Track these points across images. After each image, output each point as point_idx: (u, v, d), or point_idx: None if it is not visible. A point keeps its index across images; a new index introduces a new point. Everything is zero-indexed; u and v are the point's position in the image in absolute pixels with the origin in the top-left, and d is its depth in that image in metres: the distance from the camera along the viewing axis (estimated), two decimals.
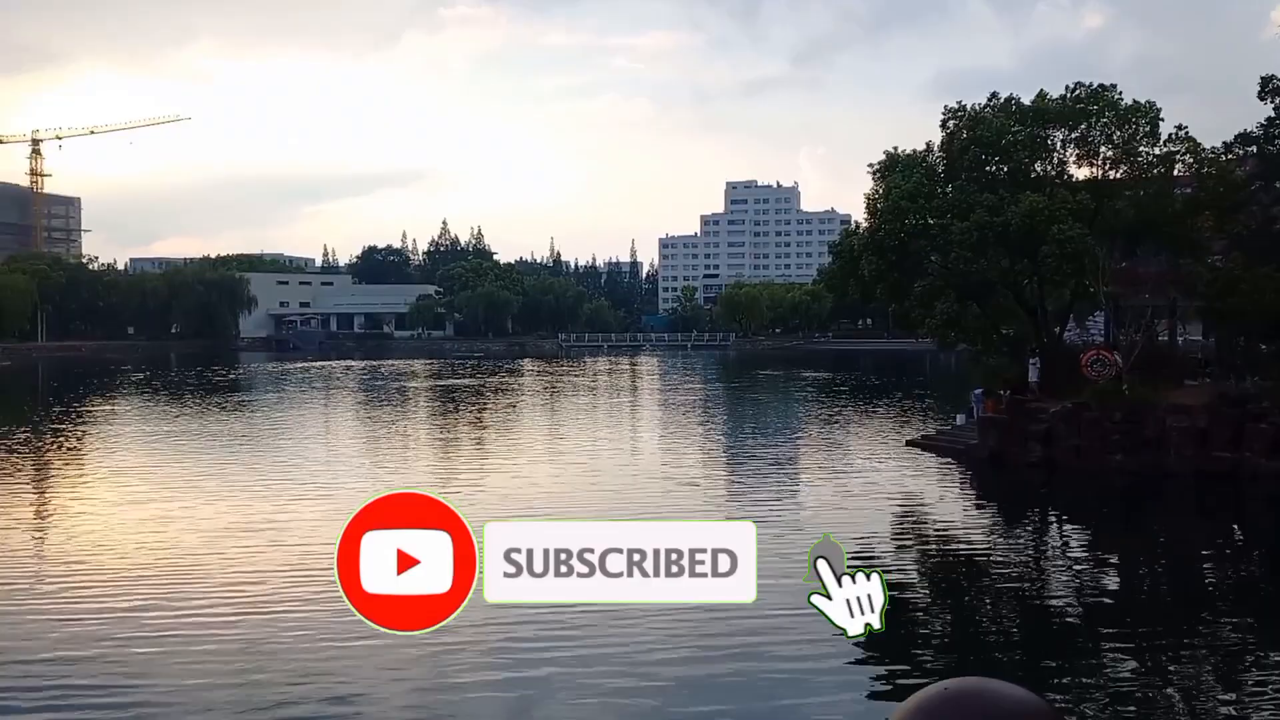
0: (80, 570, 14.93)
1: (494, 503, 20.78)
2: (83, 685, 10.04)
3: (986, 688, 1.12)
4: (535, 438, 34.79)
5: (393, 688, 9.99)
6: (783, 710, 9.76)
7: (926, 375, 73.35)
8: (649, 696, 9.67)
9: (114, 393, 59.52)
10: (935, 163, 32.91)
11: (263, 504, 20.43)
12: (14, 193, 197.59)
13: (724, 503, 21.60)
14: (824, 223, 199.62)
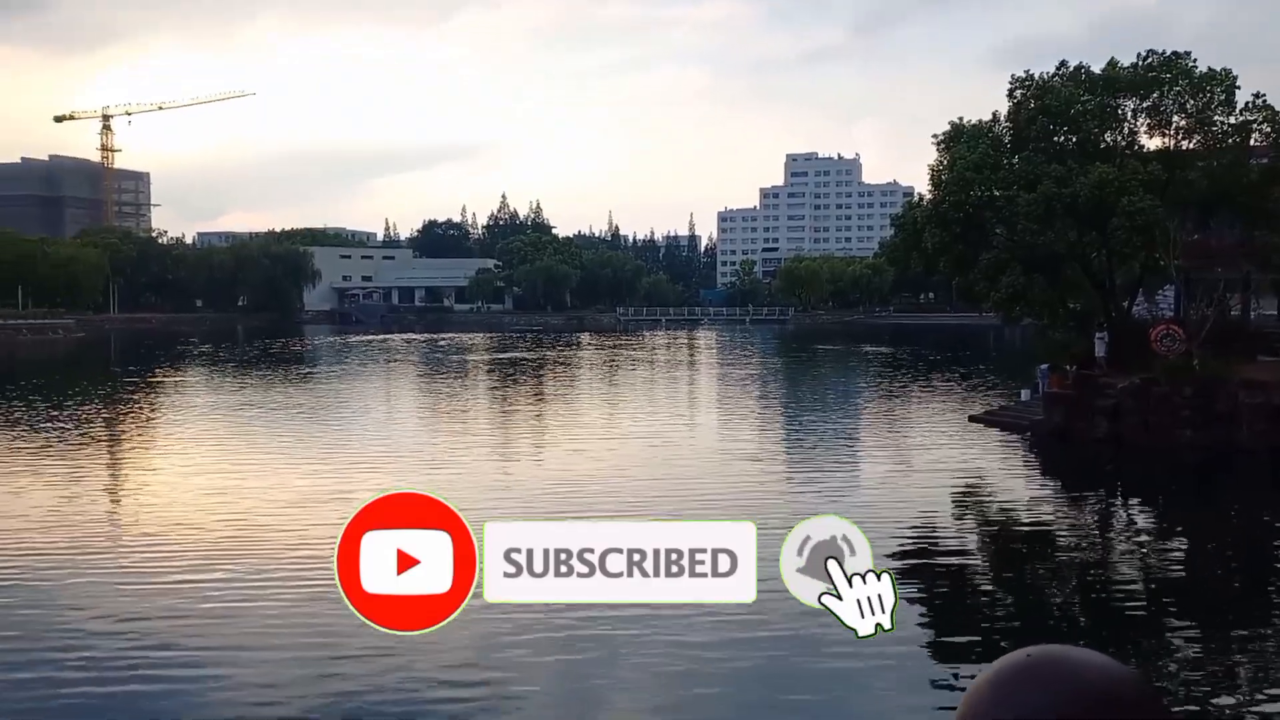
0: (149, 539, 15.31)
1: (553, 476, 20.94)
2: (149, 652, 10.22)
3: (1070, 655, 1.12)
4: (595, 411, 34.97)
5: (449, 656, 10.15)
6: (850, 679, 9.75)
7: (990, 350, 72.32)
8: (701, 684, 9.73)
9: (183, 364, 60.90)
10: (1001, 133, 32.29)
11: (328, 476, 20.80)
12: (86, 168, 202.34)
13: (784, 477, 21.55)
14: (885, 195, 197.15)
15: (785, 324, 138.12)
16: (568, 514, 16.68)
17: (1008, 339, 74.68)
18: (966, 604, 12.77)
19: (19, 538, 15.18)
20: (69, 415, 32.47)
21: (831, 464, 23.17)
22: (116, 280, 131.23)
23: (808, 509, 17.64)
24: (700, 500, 17.81)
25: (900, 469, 22.36)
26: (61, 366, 62.21)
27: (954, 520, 17.97)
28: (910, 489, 19.64)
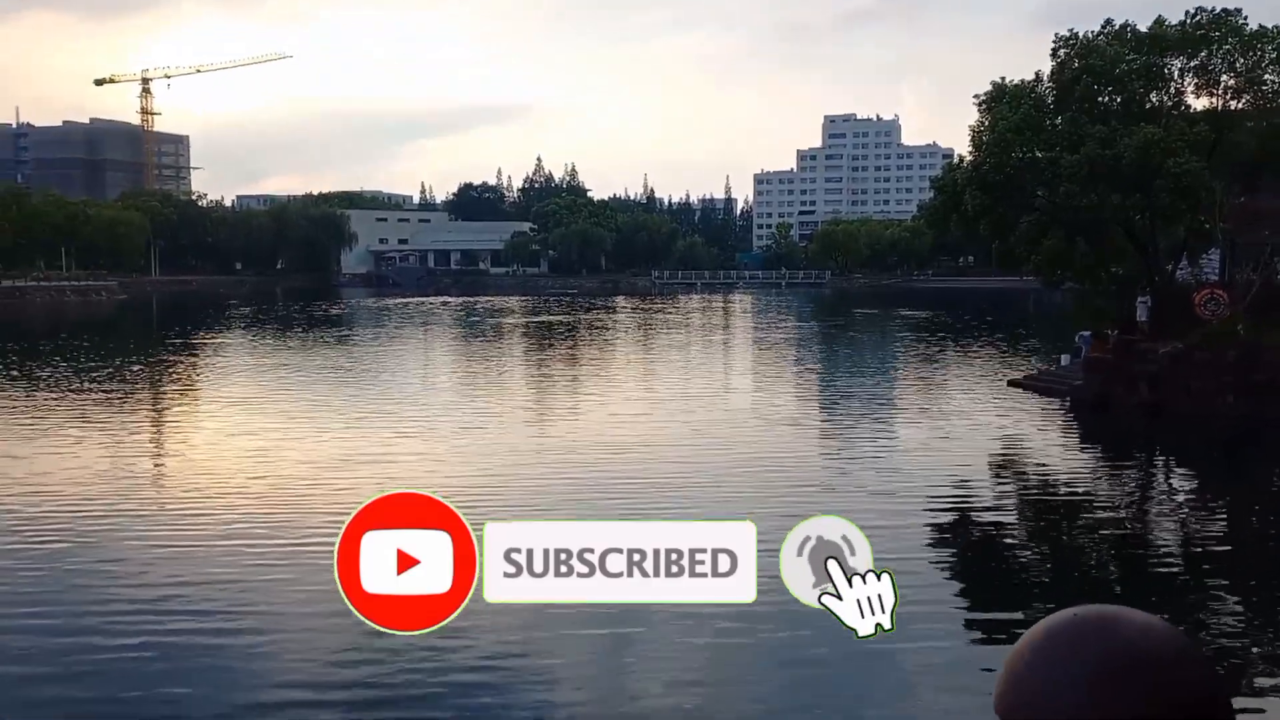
0: (188, 500, 15.56)
1: (588, 440, 21.03)
2: (185, 612, 10.36)
3: (1118, 614, 1.11)
4: (629, 374, 35.04)
5: (496, 619, 10.26)
6: (886, 651, 9.77)
7: (1030, 314, 71.55)
8: (728, 659, 9.79)
9: (223, 326, 61.64)
10: (1044, 94, 31.71)
11: (364, 438, 21.02)
12: (126, 131, 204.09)
13: (821, 442, 21.52)
14: (925, 157, 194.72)
15: (822, 288, 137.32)
16: (604, 482, 16.79)
17: (1047, 303, 73.82)
18: (1004, 569, 12.75)
19: (62, 495, 15.49)
20: (113, 376, 33.01)
21: (869, 428, 23.10)
22: (158, 243, 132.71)
23: (845, 474, 17.63)
24: (737, 467, 17.83)
25: (938, 433, 22.25)
26: (106, 328, 63.13)
27: (992, 485, 17.89)
28: (948, 453, 19.55)
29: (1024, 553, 13.81)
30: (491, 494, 15.54)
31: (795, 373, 37.04)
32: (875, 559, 10.64)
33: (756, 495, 15.60)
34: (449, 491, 15.20)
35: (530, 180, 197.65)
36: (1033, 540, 14.51)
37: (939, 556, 12.95)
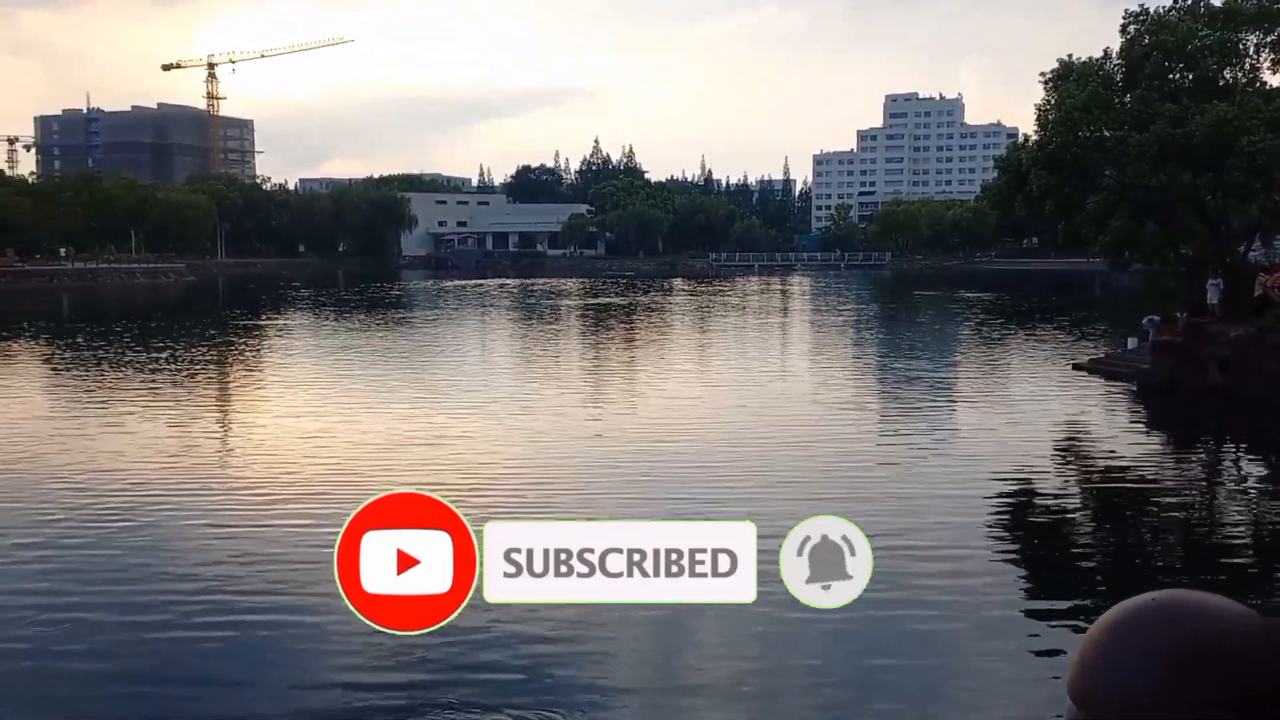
0: (252, 479, 15.84)
1: (646, 423, 21.06)
2: (244, 593, 10.47)
3: (1198, 599, 1.08)
4: (687, 357, 35.00)
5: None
6: (948, 637, 9.69)
7: (1096, 297, 70.18)
8: (787, 645, 9.74)
9: (286, 308, 62.69)
10: (1113, 71, 30.95)
11: (424, 419, 21.24)
12: (193, 116, 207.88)
13: (881, 427, 21.32)
14: (989, 136, 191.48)
15: (882, 269, 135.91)
16: (659, 467, 16.79)
17: (1114, 285, 72.30)
18: (1071, 556, 12.54)
19: (128, 475, 15.87)
20: (180, 356, 33.75)
21: (930, 413, 22.84)
22: (223, 226, 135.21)
23: (906, 460, 17.45)
24: (794, 453, 17.73)
25: (1002, 417, 21.93)
26: (173, 309, 64.51)
27: (1057, 471, 17.59)
28: (1012, 438, 19.27)
29: (1091, 540, 13.57)
30: (546, 478, 15.64)
31: (855, 356, 36.71)
32: (940, 547, 10.64)
33: (814, 482, 15.52)
34: (503, 475, 15.32)
35: (588, 162, 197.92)
36: (1100, 527, 14.25)
37: (1004, 544, 12.78)
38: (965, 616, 9.89)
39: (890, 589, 10.49)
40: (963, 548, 12.03)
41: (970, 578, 11.03)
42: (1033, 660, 9.16)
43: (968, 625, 9.72)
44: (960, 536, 12.47)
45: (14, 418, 21.91)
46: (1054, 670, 8.56)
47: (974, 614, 9.94)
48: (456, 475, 15.57)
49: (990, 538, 12.84)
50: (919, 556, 11.52)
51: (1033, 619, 10.23)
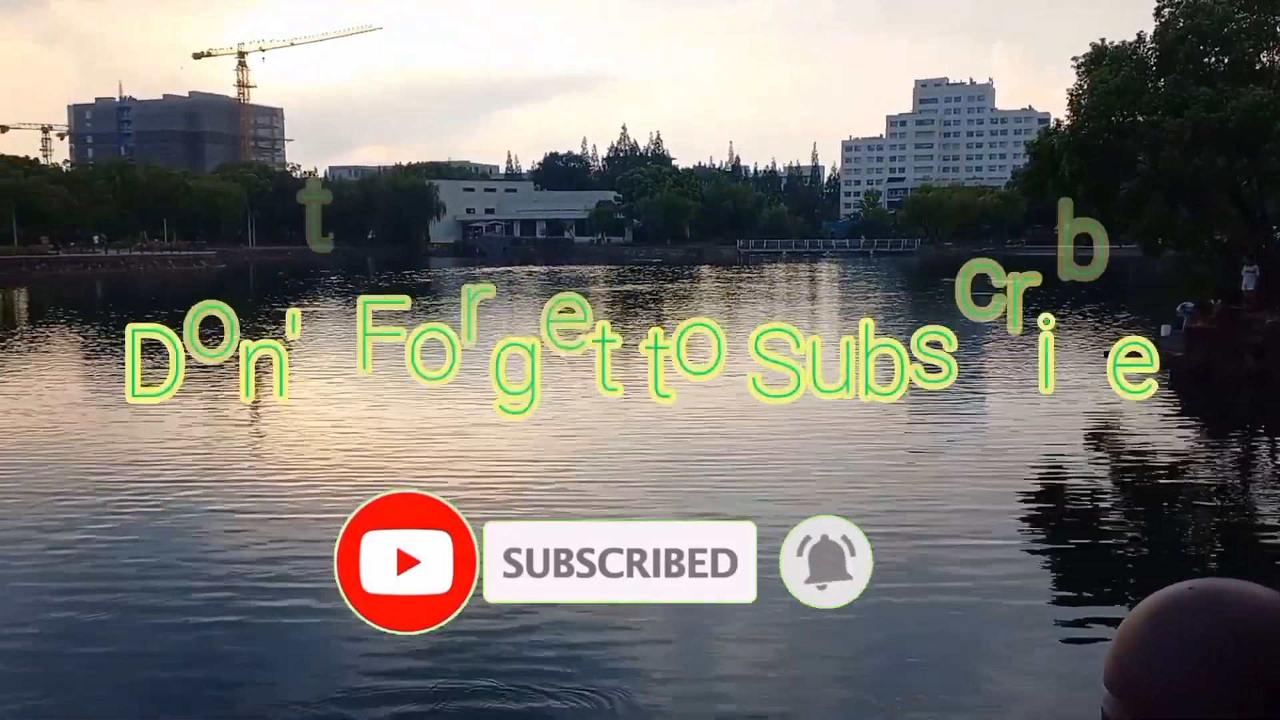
0: (281, 467, 15.97)
1: (671, 413, 21.04)
2: (271, 585, 10.46)
3: (1237, 588, 1.09)
4: (713, 344, 34.92)
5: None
6: (988, 632, 9.67)
7: (1129, 283, 69.40)
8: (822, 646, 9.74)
9: (317, 295, 63.13)
10: (1147, 55, 30.58)
11: (452, 407, 21.33)
12: (224, 104, 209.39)
13: (910, 417, 21.21)
14: (1020, 122, 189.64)
15: (911, 256, 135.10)
16: (685, 457, 16.81)
17: (1147, 271, 71.42)
18: (1103, 546, 12.46)
19: (158, 462, 16.07)
20: (213, 344, 34.03)
21: (959, 402, 22.70)
22: (254, 213, 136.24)
23: (934, 449, 17.37)
24: (819, 443, 17.69)
25: (1031, 406, 21.77)
26: (205, 296, 65.03)
27: (1089, 459, 17.48)
28: (1042, 426, 19.13)
29: (1124, 529, 13.48)
30: (573, 467, 15.71)
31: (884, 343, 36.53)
32: (969, 536, 10.54)
33: (840, 474, 15.49)
34: (528, 465, 15.38)
35: (615, 149, 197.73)
36: (1133, 516, 14.15)
37: (1036, 533, 12.71)
38: (996, 608, 9.86)
39: (918, 580, 10.48)
40: (992, 537, 11.98)
41: (1001, 567, 10.99)
42: (1066, 651, 9.13)
43: (998, 616, 9.69)
44: (990, 526, 12.41)
45: (47, 404, 22.22)
46: (1088, 661, 8.53)
47: (1005, 605, 9.91)
48: (484, 465, 15.66)
49: (1021, 527, 12.78)
50: (947, 547, 11.50)
51: (1065, 609, 10.18)
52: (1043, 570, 11.37)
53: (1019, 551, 11.72)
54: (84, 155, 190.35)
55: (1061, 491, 15.03)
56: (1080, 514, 13.92)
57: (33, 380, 26.19)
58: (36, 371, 28.25)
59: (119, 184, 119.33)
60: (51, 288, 72.35)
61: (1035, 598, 10.30)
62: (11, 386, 25.05)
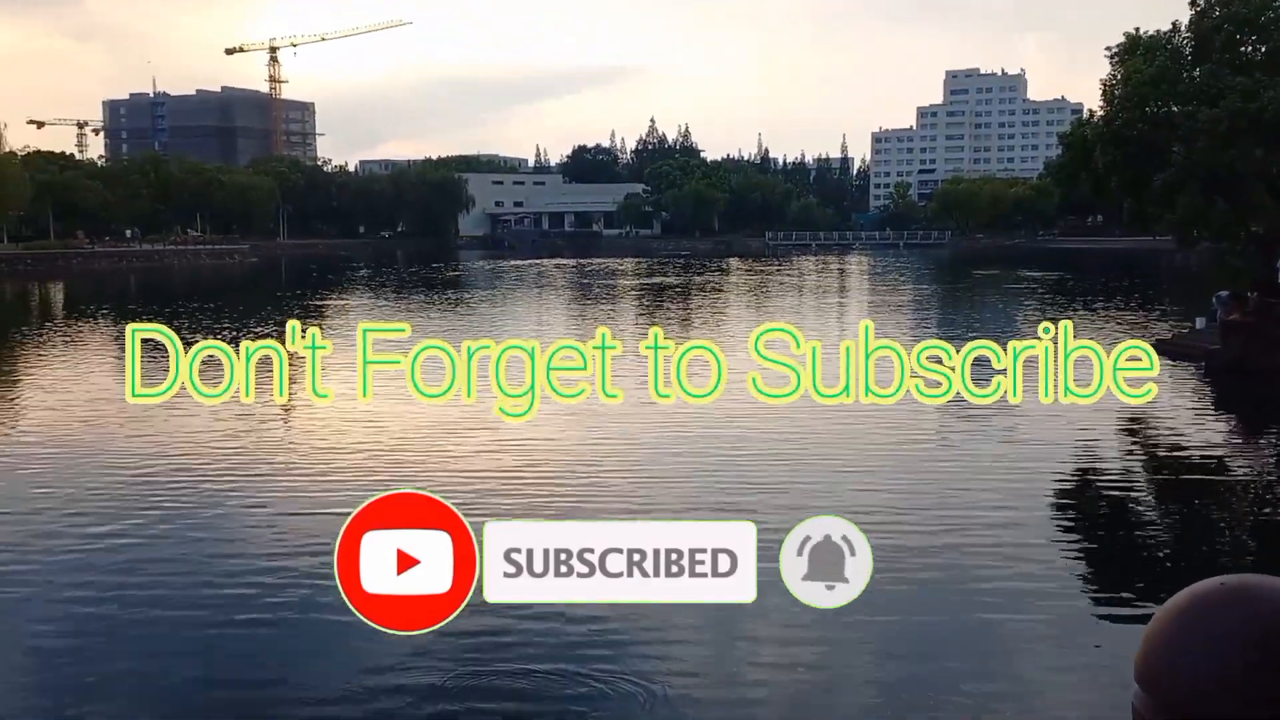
0: (309, 462, 16.09)
1: (704, 409, 21.02)
2: (295, 583, 10.48)
3: (1269, 584, 1.08)
4: (744, 338, 34.87)
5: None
6: (1018, 629, 9.63)
7: (1162, 276, 68.70)
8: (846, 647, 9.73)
9: (347, 287, 63.56)
10: (1182, 44, 30.21)
11: (481, 401, 21.39)
12: (256, 99, 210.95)
13: (939, 410, 21.08)
14: (1052, 112, 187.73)
15: (941, 248, 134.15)
16: (716, 452, 16.82)
17: (1181, 264, 70.66)
18: (1135, 541, 12.36)
19: (183, 457, 16.25)
20: (244, 336, 34.39)
21: (991, 393, 22.54)
22: (286, 207, 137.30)
23: (962, 443, 17.28)
24: (847, 436, 17.64)
25: (1064, 399, 21.60)
26: (239, 288, 65.69)
27: (1121, 454, 17.32)
28: (1074, 419, 18.97)
29: (1157, 524, 13.37)
30: (606, 461, 15.75)
31: (914, 337, 36.35)
32: (996, 534, 10.48)
33: (870, 469, 15.44)
34: (557, 456, 15.43)
35: (643, 142, 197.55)
36: (1165, 511, 14.02)
37: (1067, 528, 12.62)
38: (1026, 604, 9.80)
39: (949, 576, 10.45)
40: (1023, 532, 11.92)
41: (1032, 563, 10.93)
42: (1096, 647, 9.07)
43: (1028, 613, 9.64)
44: (1021, 521, 12.35)
45: (84, 398, 22.51)
46: (1118, 657, 8.48)
47: (1035, 601, 9.86)
48: (514, 459, 15.74)
49: (1052, 522, 12.70)
50: (977, 541, 11.45)
51: (1096, 605, 10.12)
52: (1074, 565, 11.30)
53: (1050, 545, 11.65)
54: (119, 150, 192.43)
55: (1094, 486, 14.91)
56: (1112, 508, 13.81)
57: (70, 373, 26.53)
58: (71, 365, 28.62)
59: (153, 179, 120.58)
60: (88, 282, 73.27)
61: (1067, 592, 10.24)
62: (46, 379, 25.41)
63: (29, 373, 27.56)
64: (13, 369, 28.65)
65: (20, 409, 21.61)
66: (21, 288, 67.34)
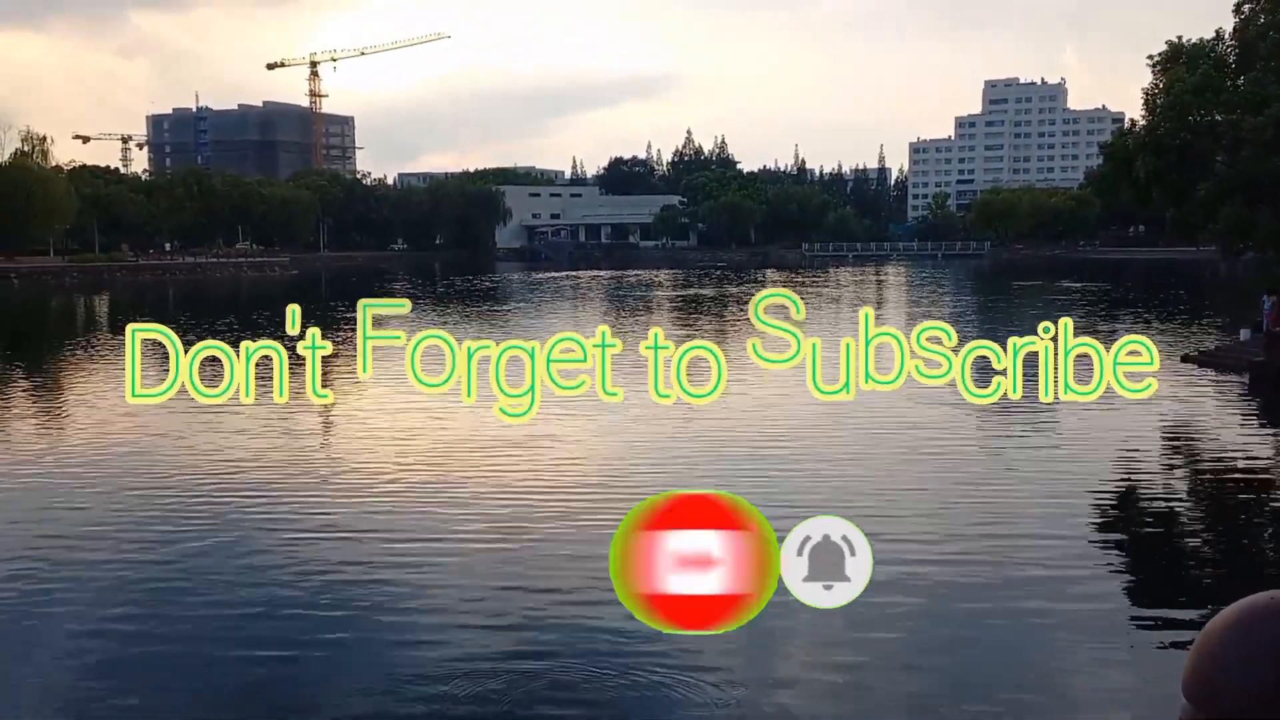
0: (351, 477, 16.19)
1: (737, 421, 21.05)
2: (339, 594, 10.50)
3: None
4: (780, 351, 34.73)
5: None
6: (1064, 644, 9.53)
7: (1206, 287, 67.68)
8: (889, 660, 9.68)
9: (387, 299, 64.05)
10: (1226, 52, 29.85)
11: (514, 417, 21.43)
12: (296, 113, 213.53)
13: (979, 422, 20.92)
14: (1093, 122, 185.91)
15: (980, 259, 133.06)
16: (760, 467, 16.78)
17: (1225, 274, 69.60)
18: (1178, 556, 12.17)
19: (228, 473, 16.42)
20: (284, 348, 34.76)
21: (1030, 406, 22.28)
22: (326, 220, 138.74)
23: (1002, 454, 17.12)
24: (893, 448, 17.54)
25: (1106, 410, 21.32)
26: (280, 301, 66.37)
27: (1163, 468, 17.08)
28: (1117, 432, 18.73)
29: (1201, 538, 13.15)
30: (644, 473, 15.76)
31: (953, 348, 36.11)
32: (1037, 550, 10.35)
33: (909, 477, 15.34)
34: (589, 471, 15.44)
35: (680, 153, 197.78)
36: (1210, 525, 13.80)
37: (1110, 542, 12.46)
38: (1069, 616, 9.68)
39: (990, 588, 10.34)
40: (1066, 546, 11.77)
41: (1074, 573, 10.79)
42: (1140, 661, 8.94)
43: (1071, 624, 9.52)
44: (1063, 531, 12.21)
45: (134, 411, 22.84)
46: (1163, 671, 8.36)
47: (1078, 613, 9.74)
48: (549, 475, 15.80)
49: (1095, 536, 12.53)
50: (1019, 555, 11.32)
51: (1140, 618, 9.97)
52: (1116, 576, 11.15)
53: (1093, 556, 11.51)
54: (162, 164, 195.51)
55: (1136, 499, 14.71)
56: (1155, 520, 13.61)
57: (114, 383, 26.93)
58: (115, 375, 29.04)
59: (196, 192, 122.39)
60: (132, 294, 74.42)
61: (1110, 604, 10.10)
62: (95, 388, 25.82)
63: (80, 384, 28.00)
64: (68, 379, 29.14)
65: (68, 419, 21.97)
66: (68, 301, 68.53)
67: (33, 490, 14.65)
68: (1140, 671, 8.67)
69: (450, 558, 11.37)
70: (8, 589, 10.48)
